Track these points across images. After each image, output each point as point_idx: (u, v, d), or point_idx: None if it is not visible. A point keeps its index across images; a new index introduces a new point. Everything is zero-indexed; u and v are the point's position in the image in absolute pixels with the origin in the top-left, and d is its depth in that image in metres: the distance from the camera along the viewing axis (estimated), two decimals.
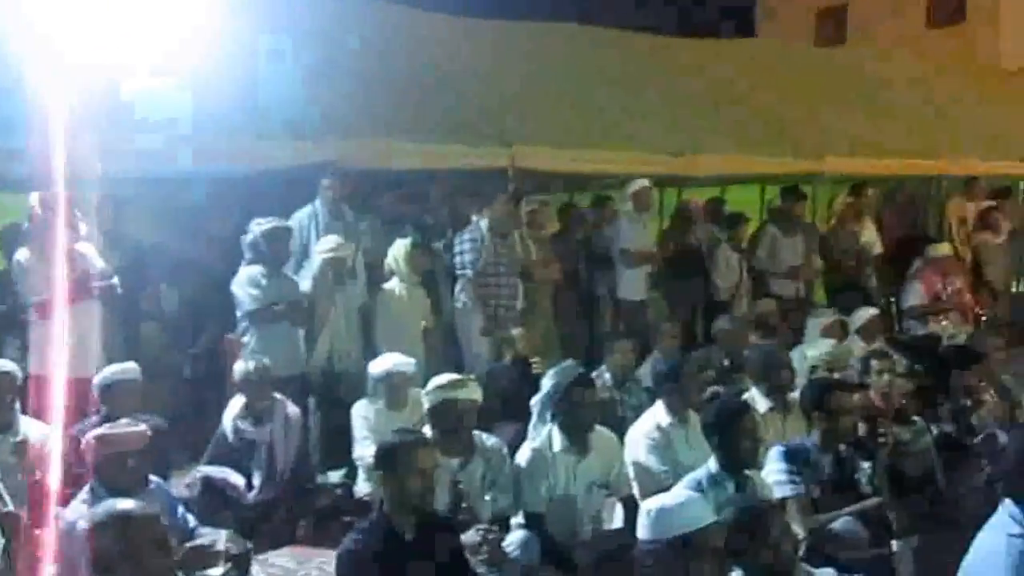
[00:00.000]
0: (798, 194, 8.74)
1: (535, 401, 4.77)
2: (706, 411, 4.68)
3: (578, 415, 4.64)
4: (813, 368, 6.25)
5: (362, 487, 5.50)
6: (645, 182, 7.94)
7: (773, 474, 4.56)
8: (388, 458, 3.74)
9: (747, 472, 4.39)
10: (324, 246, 6.30)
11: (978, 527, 3.36)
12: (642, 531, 3.08)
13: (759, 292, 8.30)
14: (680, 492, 3.35)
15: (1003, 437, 5.48)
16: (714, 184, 10.06)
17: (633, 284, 8.02)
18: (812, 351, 6.51)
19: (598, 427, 4.81)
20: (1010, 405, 6.37)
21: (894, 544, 4.51)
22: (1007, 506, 3.36)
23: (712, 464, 4.37)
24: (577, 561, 4.49)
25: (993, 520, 3.40)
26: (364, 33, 8.45)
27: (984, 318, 8.97)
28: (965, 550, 3.30)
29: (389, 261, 6.64)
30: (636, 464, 5.02)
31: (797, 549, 3.61)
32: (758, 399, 5.53)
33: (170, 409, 5.85)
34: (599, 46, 10.48)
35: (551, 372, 4.79)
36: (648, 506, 3.12)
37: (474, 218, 7.02)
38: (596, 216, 8.46)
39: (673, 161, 8.12)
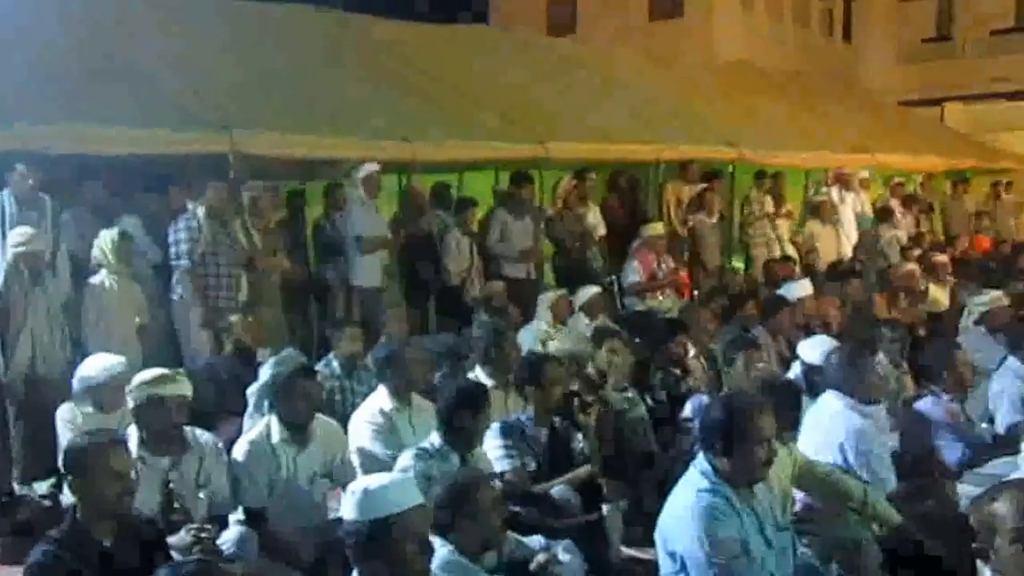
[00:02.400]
0: (525, 178, 8.99)
1: (251, 391, 4.62)
2: (440, 392, 4.71)
3: (299, 405, 4.53)
4: None
5: (70, 496, 5.12)
6: (374, 167, 7.88)
7: (491, 449, 4.70)
8: (78, 462, 3.49)
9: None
10: (14, 239, 5.77)
11: None
12: (346, 512, 3.06)
13: (491, 275, 8.48)
14: (386, 474, 3.35)
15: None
16: (448, 170, 10.17)
17: (367, 271, 7.94)
18: (556, 344, 6.63)
19: (319, 416, 4.73)
20: (716, 373, 6.89)
21: (604, 508, 4.77)
22: (698, 463, 3.62)
23: (436, 439, 4.44)
24: (301, 553, 4.40)
25: (685, 477, 3.65)
26: (70, 11, 7.85)
27: (697, 293, 9.66)
28: None
29: (95, 253, 6.21)
30: (360, 451, 4.98)
31: (506, 521, 3.71)
32: (482, 377, 5.64)
33: None
34: (327, 29, 10.30)
35: (270, 362, 4.67)
36: (354, 487, 3.10)
37: (189, 206, 6.71)
38: (326, 203, 8.32)
39: (401, 146, 8.10)
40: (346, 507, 3.07)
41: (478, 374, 5.67)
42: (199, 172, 7.05)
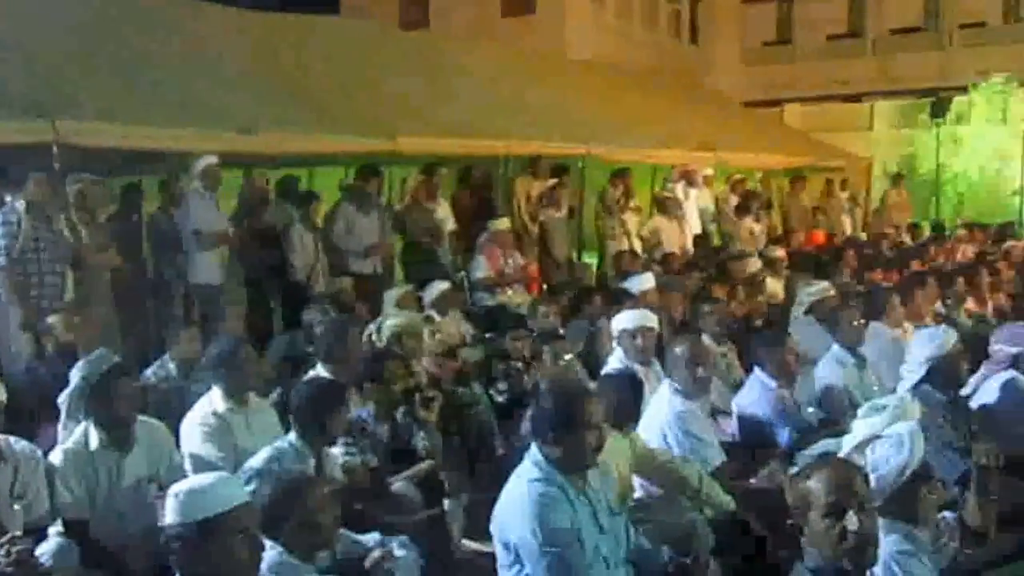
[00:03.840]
0: (372, 172, 8.86)
1: (62, 398, 4.37)
2: (298, 392, 4.58)
3: (116, 407, 4.30)
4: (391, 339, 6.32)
5: None
6: (213, 159, 7.60)
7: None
8: None
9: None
10: None
11: None
12: (169, 515, 2.94)
13: (337, 271, 8.32)
14: (210, 473, 3.23)
15: None
16: (297, 164, 9.95)
17: (206, 268, 7.66)
18: (388, 321, 6.58)
19: (144, 418, 4.51)
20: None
21: (446, 503, 4.76)
22: (531, 454, 3.65)
23: (294, 438, 4.32)
24: (129, 562, 4.20)
25: (519, 468, 3.67)
26: None
27: (547, 287, 9.76)
28: None
29: None
30: (192, 455, 4.78)
31: (338, 519, 3.63)
32: (324, 374, 5.51)
33: None
34: (167, 14, 9.86)
35: (79, 365, 4.41)
36: (175, 489, 2.99)
37: (8, 199, 6.30)
38: (162, 196, 7.98)
39: (242, 138, 7.82)
40: (169, 511, 2.96)
41: (319, 371, 5.53)
42: (20, 163, 6.63)
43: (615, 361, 5.59)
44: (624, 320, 5.71)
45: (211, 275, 7.68)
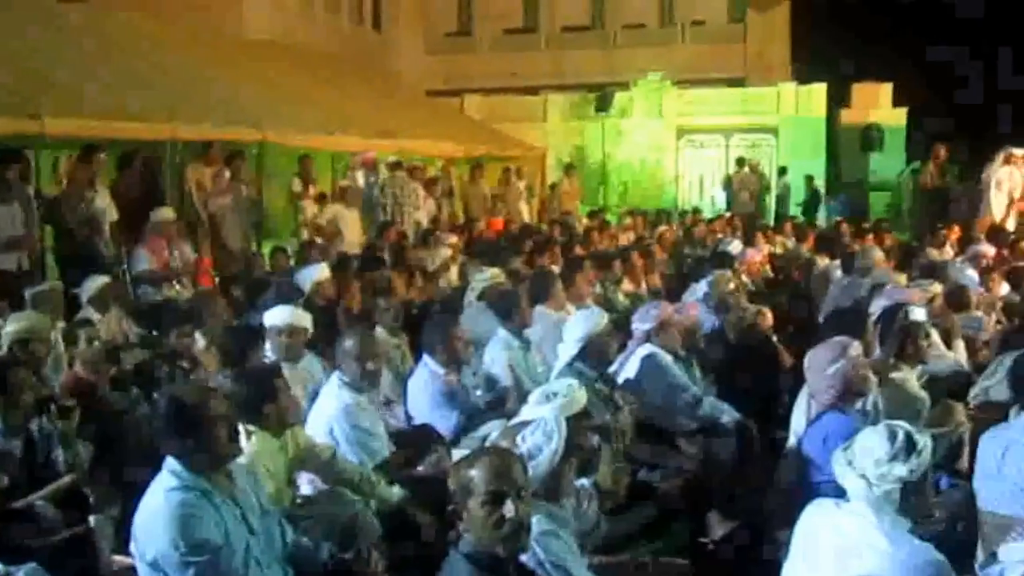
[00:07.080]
0: (11, 157, 7.95)
1: None
2: None
3: None
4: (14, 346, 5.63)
5: None
6: None
7: None
8: None
9: None
10: None
11: None
12: None
13: None
14: None
15: None
16: None
17: None
18: (8, 327, 5.70)
19: None
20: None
21: (92, 519, 4.39)
22: (168, 463, 3.44)
23: None
24: None
25: (156, 480, 3.46)
26: None
27: (219, 279, 9.32)
28: None
29: None
30: None
31: None
32: None
33: None
34: None
35: None
36: None
37: None
38: None
39: None
40: None
41: None
42: None
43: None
44: (274, 316, 5.55)
45: None
